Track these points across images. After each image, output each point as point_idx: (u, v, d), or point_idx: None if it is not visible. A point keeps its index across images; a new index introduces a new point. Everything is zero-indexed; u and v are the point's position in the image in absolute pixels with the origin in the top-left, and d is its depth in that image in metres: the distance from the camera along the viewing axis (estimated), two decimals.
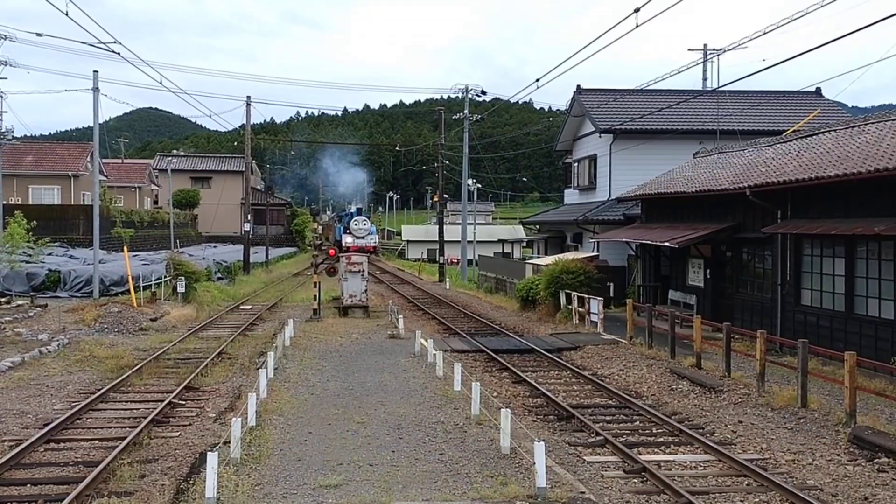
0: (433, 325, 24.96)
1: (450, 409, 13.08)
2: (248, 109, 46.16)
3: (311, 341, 20.94)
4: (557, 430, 12.57)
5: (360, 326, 24.16)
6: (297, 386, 15.09)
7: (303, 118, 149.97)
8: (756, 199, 19.47)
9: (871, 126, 19.02)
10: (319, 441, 11.12)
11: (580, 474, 10.05)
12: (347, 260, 27.83)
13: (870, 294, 16.37)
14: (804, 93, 36.35)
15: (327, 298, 29.51)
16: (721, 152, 26.62)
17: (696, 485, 9.77)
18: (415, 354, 18.65)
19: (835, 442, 11.48)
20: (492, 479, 9.44)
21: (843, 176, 16.05)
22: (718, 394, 14.80)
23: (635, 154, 31.87)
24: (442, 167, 54.00)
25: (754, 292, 21.07)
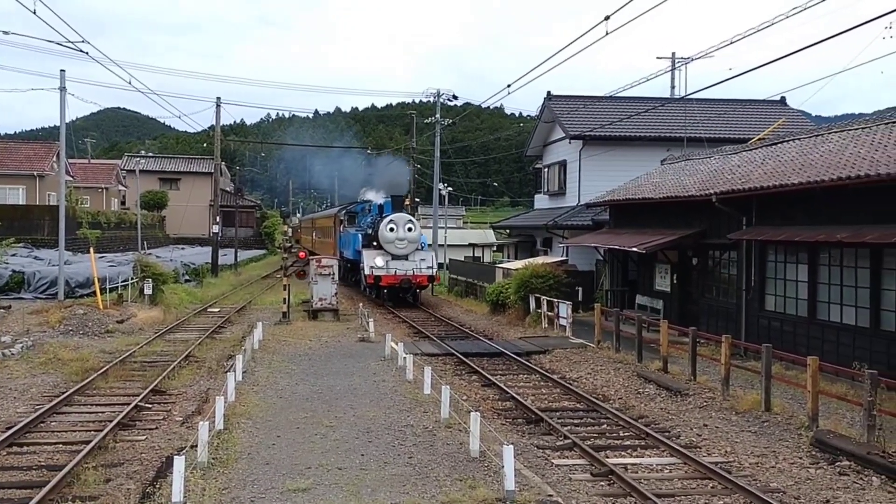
0: (403, 329, 24.96)
1: (419, 413, 13.11)
2: (218, 110, 45.82)
3: (280, 344, 20.84)
4: (526, 434, 12.65)
5: (330, 330, 24.08)
6: (266, 389, 15.01)
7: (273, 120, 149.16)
8: (722, 206, 19.76)
9: (834, 135, 19.41)
10: (288, 445, 11.08)
11: (548, 477, 10.14)
12: (318, 263, 27.72)
13: (832, 300, 16.69)
14: (769, 102, 36.96)
15: (297, 301, 29.38)
16: (688, 159, 26.97)
17: (662, 487, 9.90)
18: (385, 358, 18.65)
19: (797, 445, 11.70)
20: (461, 482, 9.49)
21: (806, 184, 16.36)
22: (684, 397, 15.00)
23: (604, 160, 32.17)
24: (413, 171, 53.94)
25: (720, 297, 21.37)
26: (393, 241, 30.00)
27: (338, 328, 24.47)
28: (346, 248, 36.87)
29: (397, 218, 30.61)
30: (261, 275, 50.58)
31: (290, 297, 26.62)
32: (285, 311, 26.02)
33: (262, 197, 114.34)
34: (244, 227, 74.11)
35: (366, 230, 33.32)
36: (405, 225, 30.30)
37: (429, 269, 30.40)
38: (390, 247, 30.11)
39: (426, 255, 31.21)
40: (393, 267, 29.64)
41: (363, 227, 34.37)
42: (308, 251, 44.27)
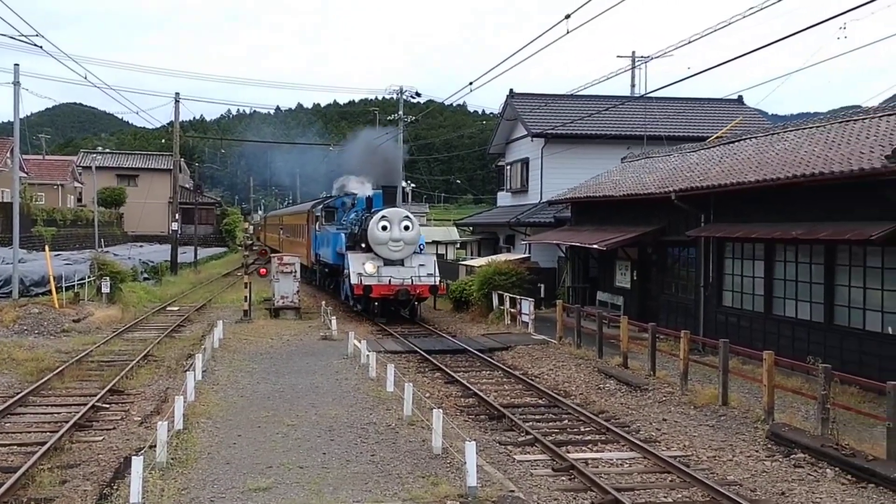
0: (366, 327, 24.88)
1: (382, 411, 13.10)
2: (177, 106, 45.22)
3: (241, 343, 20.65)
4: (489, 430, 12.71)
5: (292, 328, 23.92)
6: (227, 388, 14.87)
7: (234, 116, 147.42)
8: (681, 204, 20.03)
9: (790, 134, 19.79)
10: (249, 444, 10.99)
11: (510, 473, 10.20)
12: (279, 261, 27.50)
13: (787, 295, 17.03)
14: (727, 100, 37.54)
15: (258, 300, 29.11)
16: (648, 157, 27.28)
17: (622, 482, 10.02)
18: (347, 356, 18.58)
19: (754, 438, 11.92)
20: (423, 479, 9.50)
21: (762, 182, 16.66)
22: (644, 392, 15.19)
23: (566, 158, 32.39)
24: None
25: (679, 293, 21.67)
26: (386, 243, 24.62)
27: (300, 326, 24.31)
28: (324, 251, 30.83)
29: (391, 214, 25.24)
30: (221, 273, 50.05)
31: (252, 296, 26.38)
32: (246, 310, 25.77)
33: (223, 194, 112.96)
34: (204, 224, 73.21)
35: (350, 228, 27.83)
36: (401, 222, 24.95)
37: (430, 278, 24.85)
38: (382, 249, 24.78)
39: (426, 260, 25.76)
40: (386, 274, 24.37)
41: (346, 225, 28.66)
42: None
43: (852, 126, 17.32)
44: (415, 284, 24.45)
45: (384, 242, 24.99)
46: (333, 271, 29.97)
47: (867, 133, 16.10)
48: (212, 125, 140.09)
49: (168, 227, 55.31)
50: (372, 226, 25.12)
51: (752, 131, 23.67)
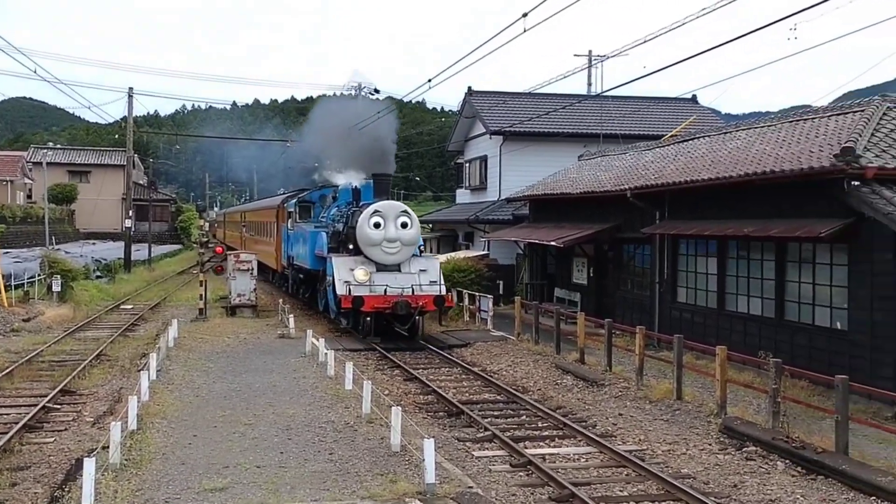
0: (325, 325, 24.72)
1: (340, 409, 13.05)
2: (131, 101, 44.38)
3: (196, 342, 20.38)
4: (447, 427, 12.74)
5: (249, 326, 23.68)
6: (182, 388, 14.67)
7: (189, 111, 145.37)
8: (636, 201, 20.29)
9: (742, 132, 20.16)
10: (205, 444, 10.87)
11: (468, 469, 10.24)
12: (236, 258, 27.19)
13: (739, 292, 17.36)
14: (681, 99, 38.09)
15: (214, 298, 28.76)
16: (604, 155, 27.57)
17: (579, 476, 10.13)
18: (305, 354, 18.46)
19: (707, 432, 12.14)
20: (381, 476, 9.50)
21: (715, 179, 16.95)
22: (600, 388, 15.37)
23: (524, 156, 32.57)
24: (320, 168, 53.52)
25: (634, 290, 21.96)
26: (379, 244, 20.44)
27: (257, 325, 24.08)
28: (299, 253, 26.20)
29: (385, 208, 20.97)
30: (176, 271, 49.31)
31: (207, 294, 26.05)
32: (202, 308, 25.44)
33: (178, 190, 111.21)
34: (158, 221, 72.05)
35: (332, 226, 23.64)
36: (397, 218, 20.75)
37: (435, 286, 20.66)
38: (374, 251, 20.59)
39: (428, 264, 21.40)
40: (381, 283, 20.20)
41: (327, 223, 24.66)
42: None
43: (802, 125, 17.71)
44: (416, 295, 20.00)
45: (377, 243, 20.52)
46: (311, 277, 25.40)
47: (816, 132, 16.47)
48: (166, 120, 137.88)
49: (122, 225, 54.34)
50: (362, 223, 20.63)
51: (705, 130, 24.07)
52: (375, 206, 21.02)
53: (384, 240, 20.66)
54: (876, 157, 13.80)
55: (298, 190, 33.06)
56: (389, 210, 21.04)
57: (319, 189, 28.58)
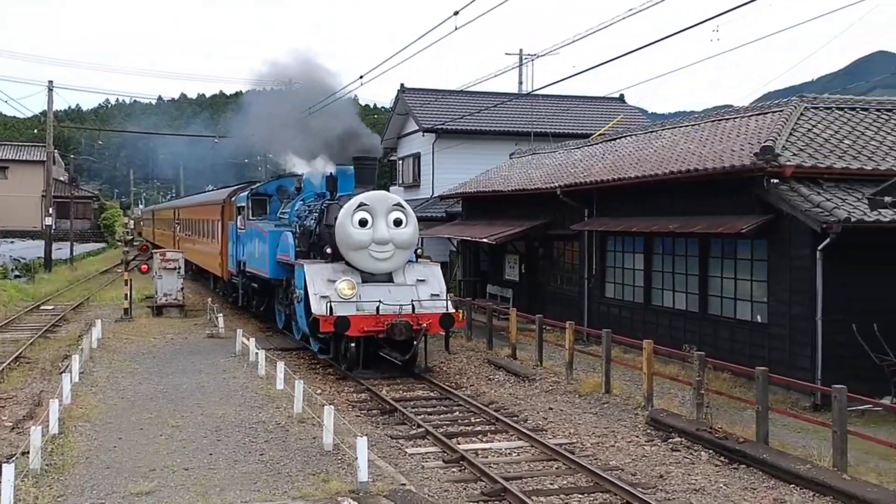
0: (255, 324, 24.34)
1: (272, 409, 12.89)
2: (51, 95, 42.87)
3: (121, 343, 19.84)
4: (380, 425, 12.72)
5: (176, 326, 23.17)
6: (106, 390, 14.27)
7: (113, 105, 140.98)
8: (566, 199, 20.61)
9: (667, 131, 20.68)
10: (130, 447, 10.60)
11: (402, 466, 10.25)
12: (162, 257, 26.54)
13: (665, 287, 17.82)
14: (609, 99, 38.83)
15: (140, 297, 28.03)
16: (535, 153, 27.91)
17: (511, 470, 10.25)
18: (235, 354, 18.16)
19: (634, 424, 12.43)
20: (313, 476, 9.43)
21: (642, 177, 17.36)
22: (532, 382, 15.57)
23: (457, 153, 32.71)
24: (266, 161, 52.77)
25: (564, 286, 22.31)
26: (366, 247, 16.12)
27: (184, 325, 23.58)
28: (254, 258, 21.30)
29: (373, 200, 16.52)
30: (100, 270, 47.84)
31: (132, 293, 25.38)
32: (127, 308, 24.77)
33: (101, 187, 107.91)
34: (81, 219, 69.78)
35: (299, 225, 19.26)
36: (390, 213, 16.43)
37: (438, 301, 16.35)
38: (360, 257, 16.23)
39: (427, 272, 16.99)
40: (371, 298, 15.71)
41: (290, 220, 20.19)
42: None
43: (724, 125, 18.26)
44: (418, 313, 15.68)
45: (363, 246, 16.07)
46: (269, 288, 21.00)
47: (738, 131, 17.01)
48: (89, 115, 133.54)
49: (42, 222, 52.44)
50: (343, 220, 16.22)
51: (632, 129, 24.62)
52: (360, 198, 16.37)
53: (373, 241, 16.02)
54: (794, 155, 14.33)
55: (247, 182, 28.95)
56: (379, 203, 16.42)
57: (276, 179, 23.86)
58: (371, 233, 16.18)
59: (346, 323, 15.12)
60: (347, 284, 15.81)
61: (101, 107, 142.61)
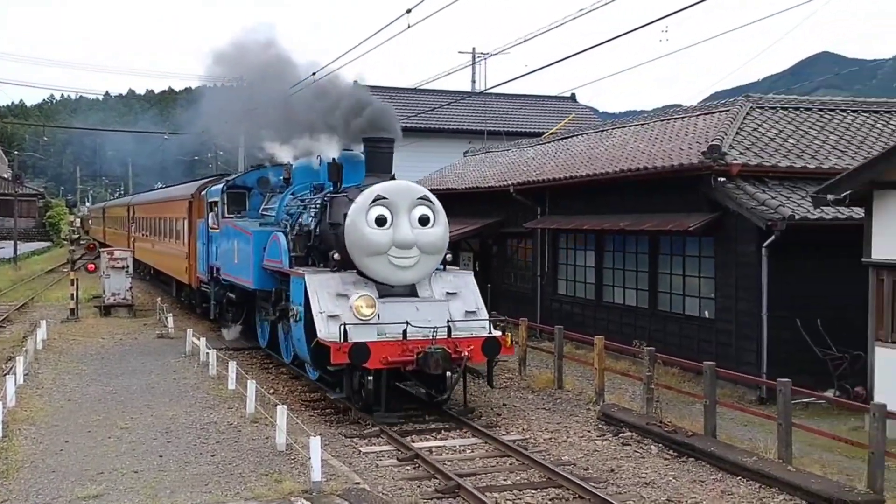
0: (206, 324, 24.01)
1: (223, 409, 12.75)
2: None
3: (68, 344, 19.41)
4: (334, 424, 12.64)
5: (125, 326, 22.74)
6: (52, 392, 13.95)
7: (58, 101, 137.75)
8: (519, 197, 20.76)
9: (618, 130, 20.97)
10: (77, 450, 10.39)
11: (355, 465, 10.22)
12: (109, 255, 26.02)
13: (616, 284, 18.07)
14: (561, 98, 39.20)
15: (87, 297, 27.43)
16: (489, 152, 28.06)
17: (465, 467, 10.29)
18: (186, 354, 17.89)
19: (586, 420, 12.58)
20: (266, 476, 9.36)
21: (593, 176, 17.57)
22: (485, 379, 15.62)
23: (410, 151, 32.51)
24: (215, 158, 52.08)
25: (518, 283, 22.47)
26: (384, 252, 12.85)
27: (133, 325, 23.15)
28: (232, 263, 17.74)
29: (394, 192, 13.16)
30: (45, 269, 46.69)
31: (79, 293, 24.83)
32: (73, 308, 24.22)
33: (47, 185, 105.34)
34: (25, 217, 68.12)
35: (292, 223, 15.75)
36: (414, 209, 13.16)
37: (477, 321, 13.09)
38: (377, 265, 12.94)
39: (458, 282, 13.68)
40: (393, 318, 12.38)
41: (279, 218, 16.66)
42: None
43: (673, 124, 18.59)
44: (455, 337, 12.23)
45: (381, 251, 12.72)
46: (248, 299, 17.77)
47: (686, 131, 17.33)
48: (33, 110, 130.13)
49: None
50: (355, 217, 12.78)
51: (583, 128, 24.92)
52: (378, 190, 12.78)
53: (393, 245, 12.60)
54: (740, 154, 14.65)
55: (218, 175, 25.68)
56: (401, 195, 12.89)
57: (256, 169, 19.80)
58: (391, 234, 12.69)
59: (364, 352, 11.47)
60: (366, 301, 12.18)
61: (46, 102, 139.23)
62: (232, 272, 17.86)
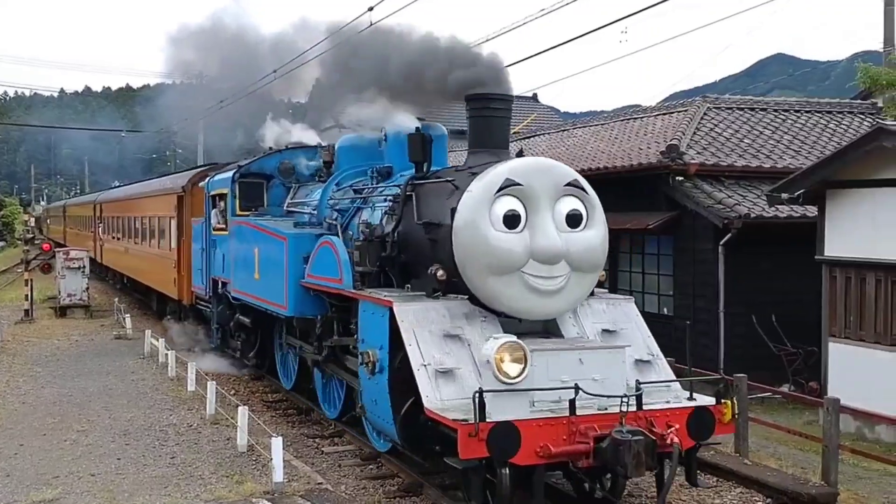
0: (165, 324, 23.73)
1: (183, 411, 12.60)
2: None
3: (21, 345, 19.02)
4: (296, 424, 12.58)
5: (82, 327, 22.36)
6: (6, 395, 13.66)
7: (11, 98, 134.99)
8: None
9: (579, 130, 21.17)
10: (32, 454, 10.19)
11: (318, 466, 10.18)
12: (65, 255, 25.55)
13: None
14: (523, 97, 39.37)
15: (42, 298, 26.90)
16: (452, 151, 28.06)
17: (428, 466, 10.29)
18: (144, 355, 17.64)
19: None
20: (227, 478, 9.27)
21: None
22: None
23: None
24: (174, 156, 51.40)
25: None
26: (518, 268, 7.84)
27: (90, 326, 22.77)
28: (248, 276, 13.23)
29: (530, 174, 8.04)
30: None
31: (34, 294, 24.34)
32: (27, 309, 23.75)
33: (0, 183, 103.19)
34: None
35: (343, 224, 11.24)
36: (559, 201, 8.06)
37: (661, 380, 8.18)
38: (508, 287, 7.90)
39: (617, 314, 8.82)
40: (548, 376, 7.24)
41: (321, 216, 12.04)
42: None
43: (633, 124, 18.81)
44: (648, 410, 7.32)
45: (514, 265, 7.94)
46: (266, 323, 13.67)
47: (646, 130, 17.56)
48: None
49: None
50: (474, 213, 8.02)
51: (545, 127, 25.10)
52: (507, 171, 8.16)
53: (531, 257, 8.01)
54: (698, 153, 14.90)
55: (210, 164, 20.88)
56: (542, 179, 8.21)
57: (278, 153, 14.67)
58: (527, 239, 7.95)
59: (513, 439, 6.76)
60: (512, 352, 7.30)
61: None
62: (250, 290, 13.06)
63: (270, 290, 12.08)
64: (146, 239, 23.72)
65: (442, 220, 8.56)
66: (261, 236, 12.60)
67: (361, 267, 9.52)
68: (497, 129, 9.36)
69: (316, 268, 10.69)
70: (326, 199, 11.98)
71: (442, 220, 8.56)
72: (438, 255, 8.57)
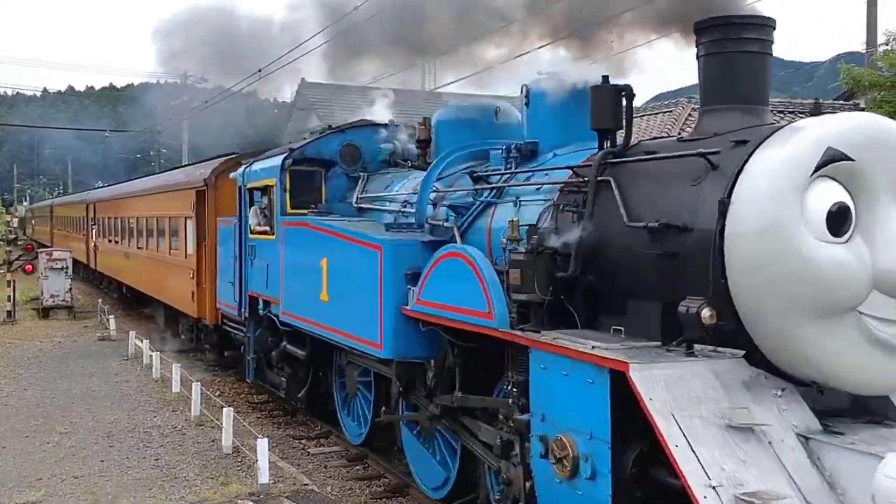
0: (150, 325, 23.56)
1: (167, 413, 12.52)
2: None
3: (3, 347, 18.86)
4: (282, 425, 12.54)
5: (65, 329, 22.19)
6: None
7: None
8: None
9: None
10: (14, 456, 10.09)
11: (304, 467, 10.15)
12: (48, 255, 25.34)
13: None
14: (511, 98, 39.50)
15: (25, 299, 26.67)
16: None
17: None
18: (128, 357, 17.53)
19: None
20: (212, 480, 9.23)
21: None
22: None
23: None
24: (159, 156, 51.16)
25: None
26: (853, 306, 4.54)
27: (74, 327, 22.60)
28: (315, 299, 9.51)
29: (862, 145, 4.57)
30: None
31: (17, 294, 24.14)
32: (10, 310, 23.55)
33: None
34: None
35: (461, 227, 7.72)
36: None
37: None
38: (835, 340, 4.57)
39: None
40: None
41: (422, 216, 8.43)
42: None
43: None
44: None
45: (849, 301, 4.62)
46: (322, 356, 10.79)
47: None
48: None
49: None
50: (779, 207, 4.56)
51: None
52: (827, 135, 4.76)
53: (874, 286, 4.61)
54: None
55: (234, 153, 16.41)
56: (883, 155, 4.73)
57: (339, 132, 11.47)
58: (863, 254, 4.75)
59: None
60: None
61: None
62: (311, 315, 9.93)
63: (349, 318, 8.75)
64: (154, 243, 20.21)
65: (689, 220, 5.30)
66: (334, 243, 9.11)
67: (524, 294, 6.03)
68: (754, 75, 5.96)
69: (434, 291, 7.26)
70: (428, 192, 8.62)
71: (689, 220, 5.30)
72: (683, 281, 5.22)
